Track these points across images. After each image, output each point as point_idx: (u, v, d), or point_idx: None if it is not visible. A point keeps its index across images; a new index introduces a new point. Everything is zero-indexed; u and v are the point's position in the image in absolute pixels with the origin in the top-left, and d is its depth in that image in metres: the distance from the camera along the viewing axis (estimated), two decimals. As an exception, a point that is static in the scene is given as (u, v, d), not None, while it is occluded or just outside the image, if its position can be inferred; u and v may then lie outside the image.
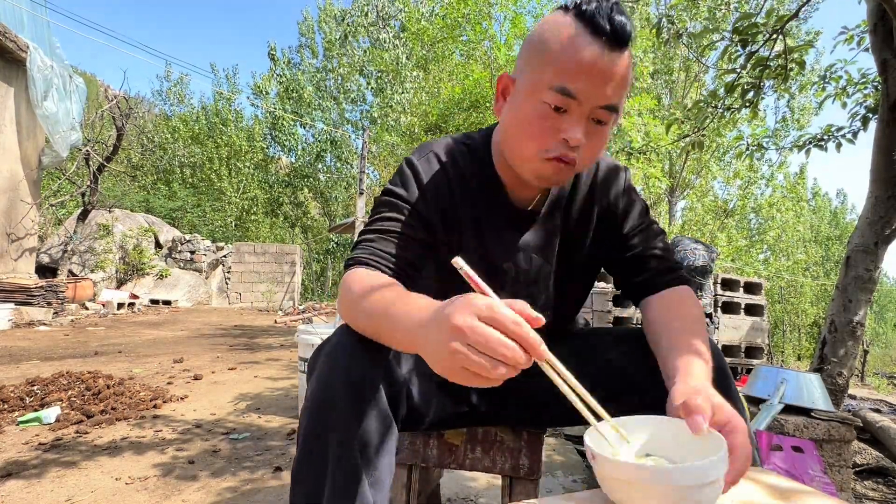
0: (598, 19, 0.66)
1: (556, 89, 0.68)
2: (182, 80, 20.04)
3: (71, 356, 4.07)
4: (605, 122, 0.72)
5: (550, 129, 0.70)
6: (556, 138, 0.70)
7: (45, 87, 7.34)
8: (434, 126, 8.76)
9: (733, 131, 9.42)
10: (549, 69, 0.68)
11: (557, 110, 0.69)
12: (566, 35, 0.67)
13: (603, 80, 0.67)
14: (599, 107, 0.69)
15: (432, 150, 0.84)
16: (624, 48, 0.68)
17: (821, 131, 2.73)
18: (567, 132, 0.69)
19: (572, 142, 0.70)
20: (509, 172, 0.83)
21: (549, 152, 0.71)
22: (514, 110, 0.74)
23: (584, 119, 0.70)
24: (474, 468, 0.94)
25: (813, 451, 1.35)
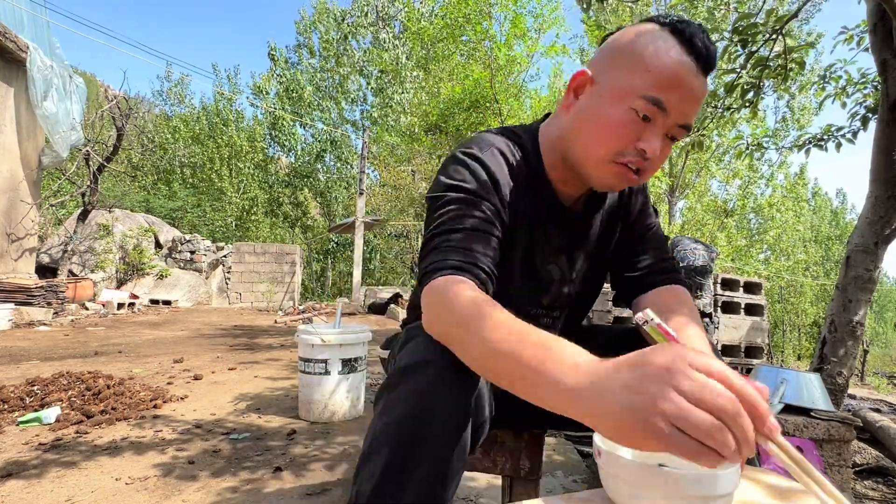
0: (696, 41, 0.68)
1: (649, 98, 0.68)
2: (182, 80, 20.05)
3: (71, 356, 4.07)
4: (677, 140, 0.73)
5: (630, 136, 0.70)
6: (633, 146, 0.71)
7: (45, 88, 7.34)
8: (434, 126, 8.76)
9: (733, 131, 9.42)
10: (643, 77, 0.68)
11: (644, 119, 0.69)
12: (664, 46, 0.68)
13: (692, 99, 0.69)
14: (679, 125, 0.71)
15: (493, 144, 0.80)
16: (709, 73, 0.70)
17: (821, 131, 2.73)
18: (647, 143, 0.70)
19: (649, 152, 0.70)
20: (557, 171, 0.83)
21: (623, 157, 0.71)
22: (593, 110, 0.73)
23: (663, 132, 0.71)
24: (474, 468, 0.94)
25: (813, 451, 1.35)
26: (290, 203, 18.85)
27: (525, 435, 0.94)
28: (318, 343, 2.41)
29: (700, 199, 12.25)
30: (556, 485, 1.78)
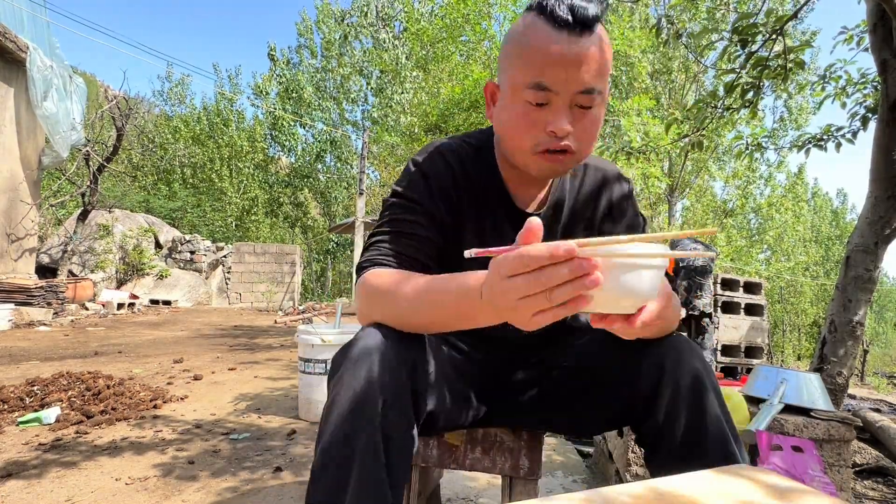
0: (557, 11, 0.68)
1: (532, 86, 0.70)
2: (183, 80, 20.05)
3: (71, 356, 4.07)
4: (590, 106, 0.73)
5: (537, 124, 0.72)
6: (544, 131, 0.72)
7: (45, 88, 7.34)
8: (434, 126, 8.76)
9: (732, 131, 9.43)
10: (522, 68, 0.71)
11: (539, 106, 0.71)
12: (531, 32, 0.70)
13: (575, 66, 0.68)
14: (578, 92, 0.70)
15: (438, 150, 0.85)
16: (590, 31, 0.68)
17: (820, 131, 2.73)
18: (552, 124, 0.71)
19: (559, 133, 0.71)
20: (512, 173, 0.85)
21: (540, 145, 0.73)
22: (502, 113, 0.76)
23: (566, 108, 0.71)
24: (474, 468, 0.94)
25: (813, 451, 1.35)
26: (290, 203, 18.86)
27: (524, 435, 0.94)
28: (319, 343, 2.41)
29: (700, 199, 12.25)
30: (556, 485, 1.78)
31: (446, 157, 0.85)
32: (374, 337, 0.69)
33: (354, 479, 0.61)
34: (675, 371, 0.75)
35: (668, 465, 0.72)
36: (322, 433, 0.64)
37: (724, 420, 0.74)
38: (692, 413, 0.74)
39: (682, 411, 0.74)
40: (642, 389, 0.77)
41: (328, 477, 0.61)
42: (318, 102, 18.04)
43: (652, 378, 0.76)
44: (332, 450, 0.62)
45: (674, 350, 0.77)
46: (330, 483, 0.61)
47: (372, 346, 0.67)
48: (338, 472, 0.61)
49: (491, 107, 0.81)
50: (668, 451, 0.74)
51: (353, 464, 0.61)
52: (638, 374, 0.78)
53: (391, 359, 0.67)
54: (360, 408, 0.63)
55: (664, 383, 0.75)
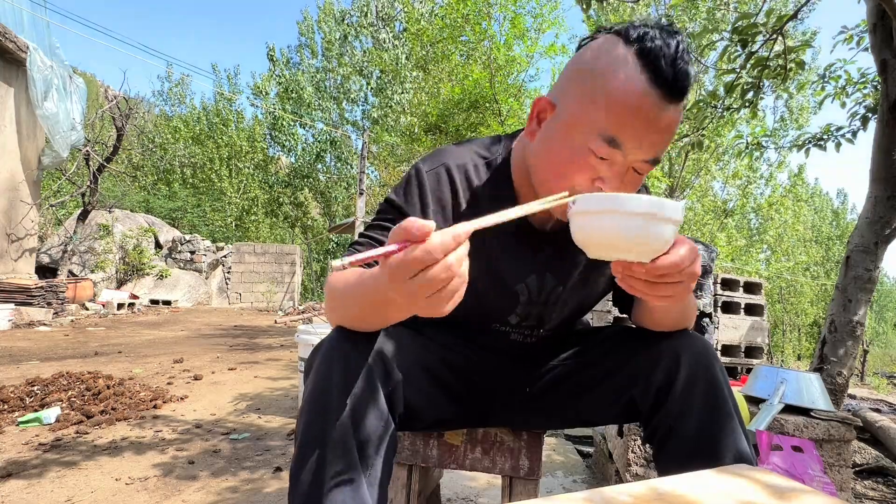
0: (662, 65, 0.60)
1: (605, 138, 0.63)
2: (183, 80, 20.05)
3: (71, 356, 4.07)
4: (644, 174, 0.68)
5: (586, 174, 0.66)
6: (590, 181, 0.66)
7: (45, 88, 7.34)
8: (434, 126, 8.76)
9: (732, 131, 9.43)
10: (599, 111, 0.63)
11: (601, 159, 0.65)
12: (624, 76, 0.61)
13: (656, 133, 0.63)
14: (645, 161, 0.65)
15: (443, 163, 0.79)
16: (681, 100, 0.63)
17: (820, 131, 2.73)
18: (605, 183, 0.65)
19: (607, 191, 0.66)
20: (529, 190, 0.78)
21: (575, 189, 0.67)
22: (552, 140, 0.69)
23: (625, 171, 0.66)
24: (474, 468, 0.94)
25: (813, 451, 1.35)
26: (290, 203, 18.85)
27: (524, 435, 0.94)
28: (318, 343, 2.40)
29: (701, 199, 12.25)
30: (556, 485, 1.78)
31: (451, 171, 0.79)
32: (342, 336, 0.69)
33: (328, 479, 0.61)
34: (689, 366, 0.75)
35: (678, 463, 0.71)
36: (297, 433, 0.65)
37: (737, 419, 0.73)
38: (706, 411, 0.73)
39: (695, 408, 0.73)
40: (654, 383, 0.77)
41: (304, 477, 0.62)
42: (318, 102, 18.03)
43: (665, 373, 0.76)
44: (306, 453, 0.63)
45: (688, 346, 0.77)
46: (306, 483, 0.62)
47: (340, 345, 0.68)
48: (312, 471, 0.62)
49: (534, 123, 0.72)
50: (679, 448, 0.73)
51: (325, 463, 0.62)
52: (651, 367, 0.77)
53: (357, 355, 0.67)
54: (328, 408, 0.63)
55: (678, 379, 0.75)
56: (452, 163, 0.79)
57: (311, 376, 0.67)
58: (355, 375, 0.66)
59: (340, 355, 0.67)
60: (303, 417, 0.65)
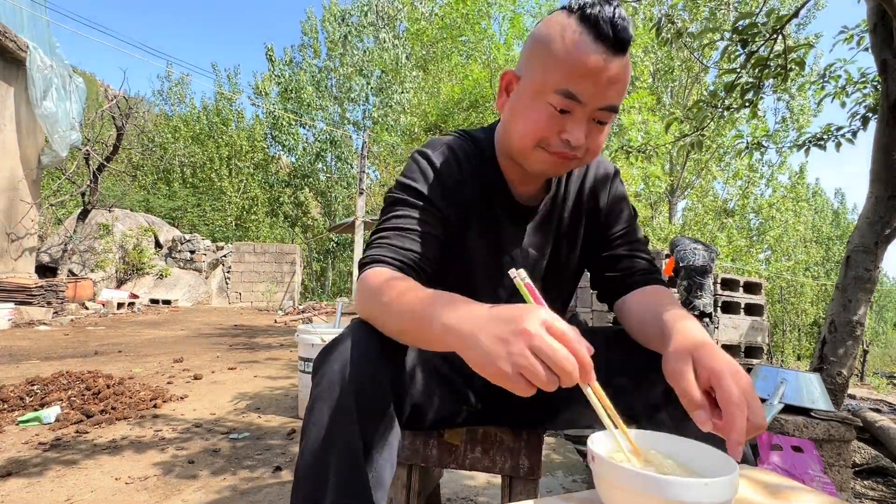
0: (601, 24, 0.68)
1: (561, 93, 0.70)
2: (183, 80, 20.05)
3: (71, 356, 4.07)
4: (606, 122, 0.75)
5: (552, 128, 0.73)
6: (559, 137, 0.73)
7: (45, 87, 7.34)
8: (434, 126, 8.76)
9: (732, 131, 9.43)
10: (553, 72, 0.71)
11: (562, 112, 0.72)
12: (570, 38, 0.69)
13: (606, 83, 0.70)
14: (601, 108, 0.72)
15: (444, 143, 0.86)
16: (625, 52, 0.70)
17: (820, 131, 2.73)
18: (569, 133, 0.72)
19: (574, 143, 0.73)
20: (511, 168, 0.86)
21: (550, 146, 0.75)
22: (518, 108, 0.76)
23: (586, 120, 0.73)
24: (474, 468, 0.94)
25: (813, 451, 1.35)
26: (290, 203, 18.85)
27: (524, 434, 0.94)
28: (318, 343, 2.41)
29: (702, 200, 12.25)
30: (556, 485, 1.78)
31: (455, 152, 0.86)
32: (354, 335, 0.69)
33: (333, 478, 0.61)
34: None
35: None
36: (304, 435, 0.65)
37: None
38: None
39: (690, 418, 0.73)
40: (654, 389, 0.77)
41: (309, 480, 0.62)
42: (319, 102, 18.03)
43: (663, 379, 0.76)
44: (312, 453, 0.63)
45: None
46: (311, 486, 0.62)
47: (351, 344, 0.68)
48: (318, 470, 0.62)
49: (504, 96, 0.81)
50: None
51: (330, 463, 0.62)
52: (649, 371, 0.77)
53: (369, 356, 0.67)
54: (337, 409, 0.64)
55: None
56: (451, 143, 0.87)
57: (320, 376, 0.67)
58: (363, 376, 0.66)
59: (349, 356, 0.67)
60: (310, 417, 0.65)
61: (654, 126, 5.56)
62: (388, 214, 0.81)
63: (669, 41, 2.66)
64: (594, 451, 0.53)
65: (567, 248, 0.92)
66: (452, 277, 0.86)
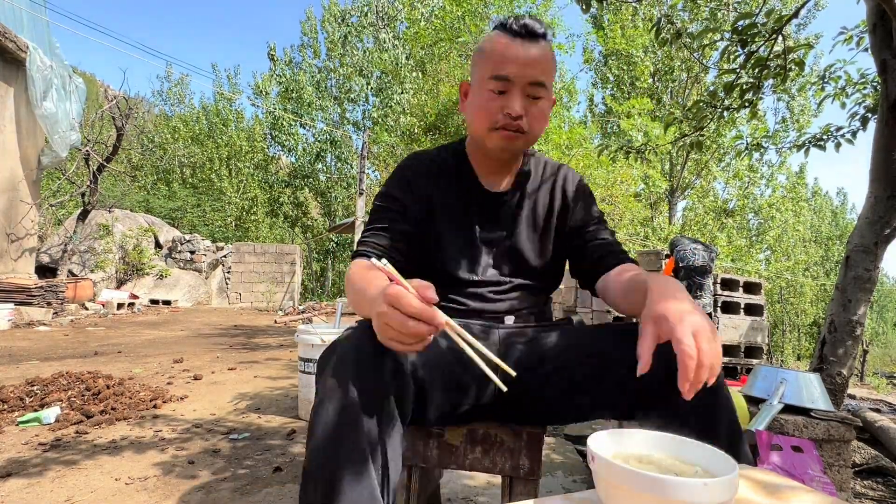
0: (513, 25, 0.92)
1: (494, 77, 0.91)
2: (182, 80, 20.05)
3: (71, 356, 4.07)
4: (539, 97, 0.93)
5: (496, 108, 0.92)
6: (502, 113, 0.92)
7: (45, 87, 7.34)
8: (433, 126, 8.76)
9: (732, 131, 9.43)
10: (487, 66, 0.92)
11: (500, 94, 0.92)
12: (495, 40, 0.93)
13: (526, 63, 0.90)
14: (529, 83, 0.91)
15: (418, 154, 1.07)
16: (536, 40, 0.91)
17: (820, 131, 2.73)
18: (508, 106, 0.91)
19: (513, 112, 0.91)
20: (481, 161, 1.04)
21: (498, 123, 0.93)
22: (471, 103, 0.98)
23: (520, 95, 0.92)
24: (474, 468, 0.94)
25: (812, 451, 1.35)
26: (290, 203, 18.84)
27: (524, 434, 0.94)
28: (318, 343, 2.41)
29: (702, 200, 12.25)
30: (556, 485, 1.78)
31: (420, 155, 1.07)
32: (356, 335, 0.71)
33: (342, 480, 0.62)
34: None
35: None
36: (310, 436, 0.66)
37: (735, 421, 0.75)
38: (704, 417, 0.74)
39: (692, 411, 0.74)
40: (653, 385, 0.77)
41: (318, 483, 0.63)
42: (319, 102, 18.01)
43: (659, 377, 0.76)
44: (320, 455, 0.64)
45: None
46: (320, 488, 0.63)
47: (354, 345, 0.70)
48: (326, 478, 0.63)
49: (464, 101, 1.02)
50: None
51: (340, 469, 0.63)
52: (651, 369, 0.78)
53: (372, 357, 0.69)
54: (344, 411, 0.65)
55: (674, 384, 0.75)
56: (426, 151, 1.09)
57: (325, 376, 0.68)
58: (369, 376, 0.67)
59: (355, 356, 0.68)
60: (315, 417, 0.66)
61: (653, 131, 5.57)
62: (371, 218, 1.00)
63: (669, 42, 2.66)
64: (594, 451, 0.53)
65: (533, 231, 1.05)
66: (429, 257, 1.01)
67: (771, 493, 0.59)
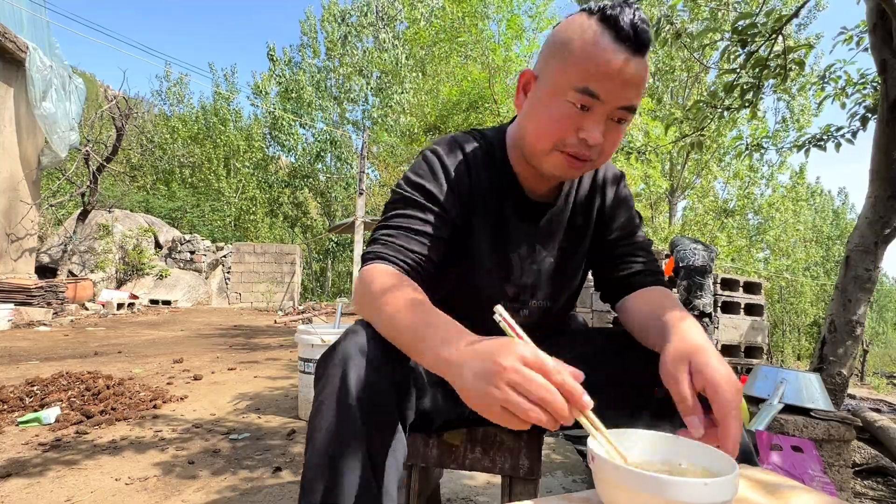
0: (622, 24, 0.69)
1: (581, 90, 0.71)
2: (181, 80, 20.05)
3: (71, 356, 4.07)
4: (624, 122, 0.75)
5: (571, 127, 0.73)
6: (576, 136, 0.74)
7: (44, 88, 7.34)
8: (433, 126, 8.76)
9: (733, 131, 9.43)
10: (573, 70, 0.71)
11: (582, 109, 0.72)
12: (591, 38, 0.70)
13: (625, 82, 0.70)
14: (621, 108, 0.73)
15: (455, 142, 0.87)
16: (645, 53, 0.71)
17: (820, 131, 2.73)
18: (587, 132, 0.73)
19: (591, 141, 0.73)
20: (523, 167, 0.87)
21: (567, 147, 0.75)
22: (536, 106, 0.77)
23: (604, 119, 0.73)
24: (474, 468, 0.94)
25: (812, 451, 1.35)
26: (289, 203, 18.85)
27: (524, 434, 0.94)
28: (318, 343, 2.41)
29: (702, 200, 12.25)
30: (556, 485, 1.78)
31: (465, 150, 0.86)
32: (358, 337, 0.68)
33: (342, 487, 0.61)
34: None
35: None
36: (309, 440, 0.64)
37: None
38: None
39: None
40: (653, 395, 0.77)
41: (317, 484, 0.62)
42: (319, 102, 18.01)
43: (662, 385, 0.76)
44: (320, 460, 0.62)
45: None
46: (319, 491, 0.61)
47: (355, 347, 0.67)
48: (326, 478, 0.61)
49: (521, 95, 0.81)
50: None
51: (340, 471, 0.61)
52: (649, 377, 0.77)
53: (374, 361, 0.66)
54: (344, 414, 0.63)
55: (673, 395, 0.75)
56: (461, 141, 0.88)
57: (324, 380, 0.66)
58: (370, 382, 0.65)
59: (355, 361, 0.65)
60: (314, 422, 0.64)
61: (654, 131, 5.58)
62: (395, 211, 0.80)
63: (669, 42, 2.66)
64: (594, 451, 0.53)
65: (575, 245, 0.93)
66: (455, 272, 0.87)
67: (771, 493, 0.59)
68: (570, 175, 0.79)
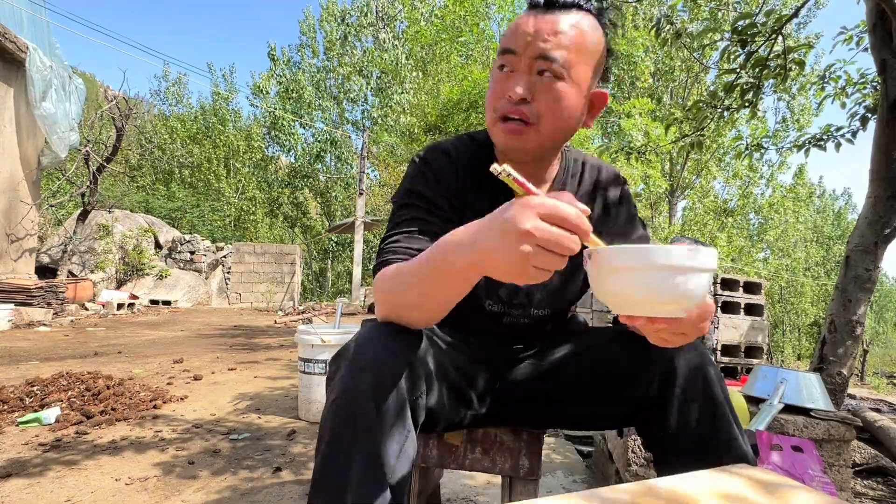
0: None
1: (500, 50, 0.78)
2: (180, 80, 20.05)
3: (71, 357, 4.07)
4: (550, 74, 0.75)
5: (499, 90, 0.78)
6: (503, 93, 0.76)
7: (44, 88, 7.34)
8: (433, 126, 8.76)
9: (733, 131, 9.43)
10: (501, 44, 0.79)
11: (502, 69, 0.77)
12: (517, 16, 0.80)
13: (537, 32, 0.74)
14: (535, 57, 0.74)
15: (440, 146, 0.89)
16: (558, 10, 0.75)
17: (820, 131, 2.73)
18: (510, 89, 0.75)
19: (513, 96, 0.74)
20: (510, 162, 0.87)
21: (498, 111, 0.77)
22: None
23: (524, 73, 0.75)
24: (474, 468, 0.94)
25: (813, 451, 1.35)
26: (289, 203, 18.84)
27: (524, 435, 0.94)
28: (318, 343, 2.41)
29: (702, 200, 12.25)
30: (556, 485, 1.78)
31: (446, 149, 0.88)
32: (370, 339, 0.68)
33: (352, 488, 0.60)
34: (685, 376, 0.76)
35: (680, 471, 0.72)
36: (321, 439, 0.64)
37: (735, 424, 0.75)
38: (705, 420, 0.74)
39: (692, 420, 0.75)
40: (651, 392, 0.77)
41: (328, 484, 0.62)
42: (318, 102, 18.01)
43: (661, 381, 0.77)
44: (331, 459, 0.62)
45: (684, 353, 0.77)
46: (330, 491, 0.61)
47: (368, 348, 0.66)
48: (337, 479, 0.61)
49: None
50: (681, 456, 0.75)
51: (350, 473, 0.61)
52: (647, 375, 0.78)
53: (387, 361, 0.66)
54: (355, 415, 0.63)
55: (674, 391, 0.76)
56: (447, 145, 0.90)
57: (338, 382, 0.66)
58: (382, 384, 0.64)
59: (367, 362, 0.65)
60: (327, 424, 0.64)
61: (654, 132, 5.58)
62: (396, 220, 0.83)
63: (669, 42, 2.66)
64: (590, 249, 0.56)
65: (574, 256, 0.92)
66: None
67: (771, 492, 0.59)
68: (512, 143, 0.79)
